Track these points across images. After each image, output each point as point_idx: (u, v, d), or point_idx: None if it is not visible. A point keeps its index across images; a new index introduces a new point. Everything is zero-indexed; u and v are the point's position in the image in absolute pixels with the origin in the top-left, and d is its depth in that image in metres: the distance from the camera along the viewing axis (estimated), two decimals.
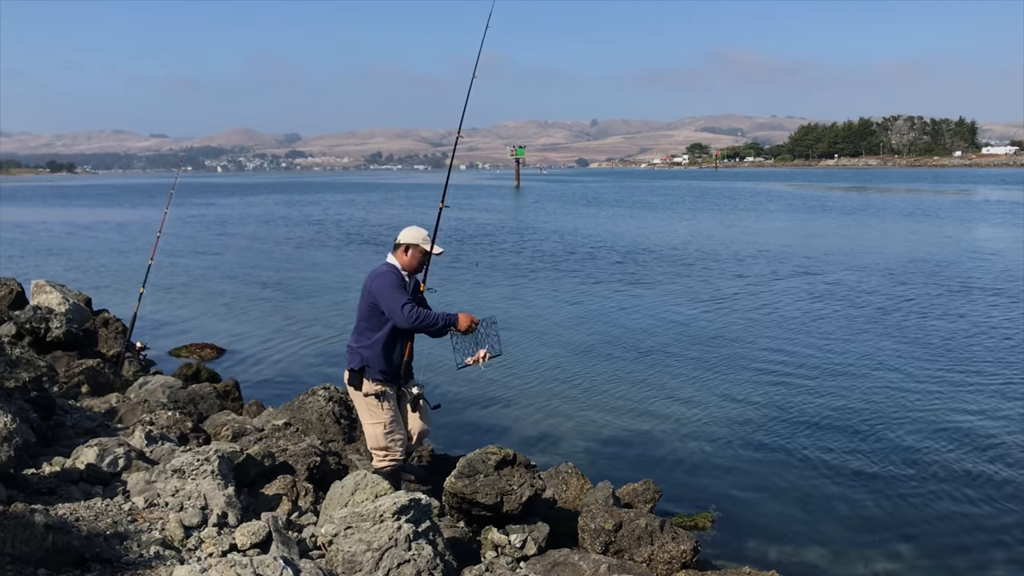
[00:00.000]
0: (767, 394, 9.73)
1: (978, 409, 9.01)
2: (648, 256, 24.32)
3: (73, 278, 19.25)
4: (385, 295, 5.36)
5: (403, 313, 5.29)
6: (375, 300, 5.43)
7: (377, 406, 5.52)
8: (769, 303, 15.91)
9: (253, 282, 20.02)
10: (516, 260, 23.88)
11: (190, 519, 4.45)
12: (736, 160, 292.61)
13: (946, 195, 61.55)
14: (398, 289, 5.38)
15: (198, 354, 11.96)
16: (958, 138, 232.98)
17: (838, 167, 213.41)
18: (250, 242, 31.32)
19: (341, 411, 7.39)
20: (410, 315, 5.29)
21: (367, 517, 4.00)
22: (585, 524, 5.25)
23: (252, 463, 5.42)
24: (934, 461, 7.57)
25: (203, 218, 46.44)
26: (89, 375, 8.58)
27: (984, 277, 18.77)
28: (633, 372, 10.85)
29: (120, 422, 7.01)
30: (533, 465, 5.44)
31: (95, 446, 5.28)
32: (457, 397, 9.62)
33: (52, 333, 10.04)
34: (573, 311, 15.44)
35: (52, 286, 11.42)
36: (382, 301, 5.38)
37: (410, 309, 5.31)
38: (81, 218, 47.62)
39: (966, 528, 6.29)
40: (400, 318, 5.31)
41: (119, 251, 27.99)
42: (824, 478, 7.26)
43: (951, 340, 12.33)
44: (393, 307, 5.32)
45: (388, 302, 5.34)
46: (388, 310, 5.36)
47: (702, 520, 6.37)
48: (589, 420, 8.90)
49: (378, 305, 5.42)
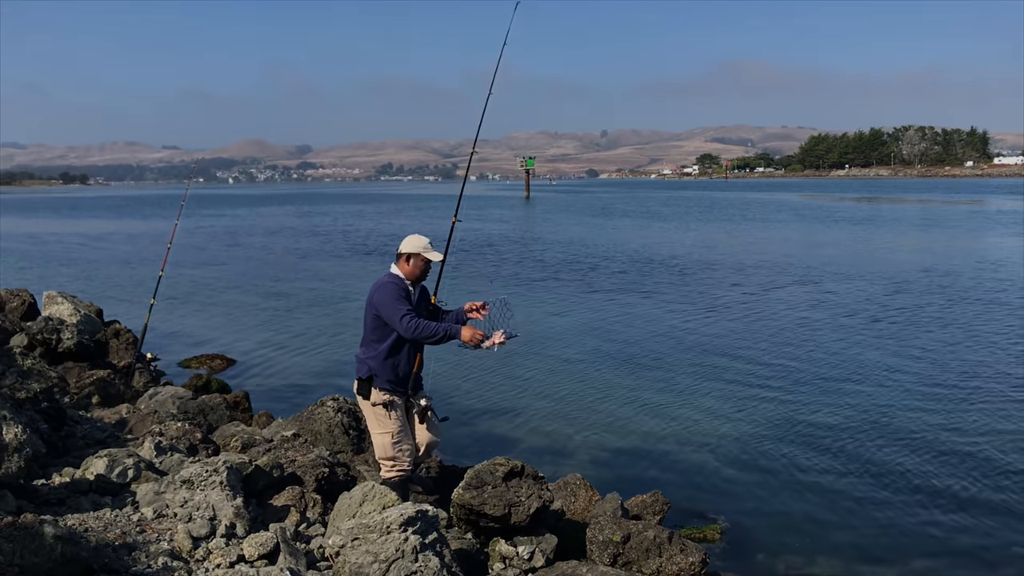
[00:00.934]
0: (778, 407, 9.69)
1: (996, 425, 8.93)
2: (657, 267, 24.29)
3: (84, 289, 19.35)
4: (385, 306, 5.41)
5: (402, 323, 5.35)
6: (377, 311, 5.48)
7: (385, 416, 5.55)
8: (782, 315, 15.86)
9: (263, 293, 20.10)
10: (524, 271, 23.88)
11: (198, 530, 4.46)
12: (746, 171, 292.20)
13: (958, 205, 61.29)
14: (398, 300, 5.42)
15: (208, 365, 12.00)
16: (970, 148, 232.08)
17: (849, 177, 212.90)
18: (260, 253, 31.45)
19: (350, 422, 7.40)
20: (409, 325, 5.34)
21: (374, 528, 4.01)
22: (593, 536, 5.23)
23: (261, 474, 5.43)
24: (946, 476, 7.52)
25: (213, 229, 46.67)
26: (100, 386, 8.62)
27: (998, 289, 18.66)
28: (643, 383, 10.83)
29: (130, 433, 7.04)
30: (541, 477, 5.43)
31: (104, 457, 5.30)
32: (465, 408, 9.62)
33: (64, 344, 10.11)
34: (582, 321, 15.42)
35: (64, 297, 11.50)
36: (383, 312, 5.43)
37: (410, 319, 5.35)
38: (93, 229, 47.93)
39: (982, 545, 6.23)
40: (400, 328, 5.38)
41: (130, 262, 28.15)
42: (835, 491, 7.21)
43: (971, 356, 12.25)
44: (393, 317, 5.38)
45: (388, 313, 5.40)
46: (389, 320, 5.42)
47: (711, 532, 6.34)
48: (598, 431, 8.88)
49: (381, 316, 5.47)
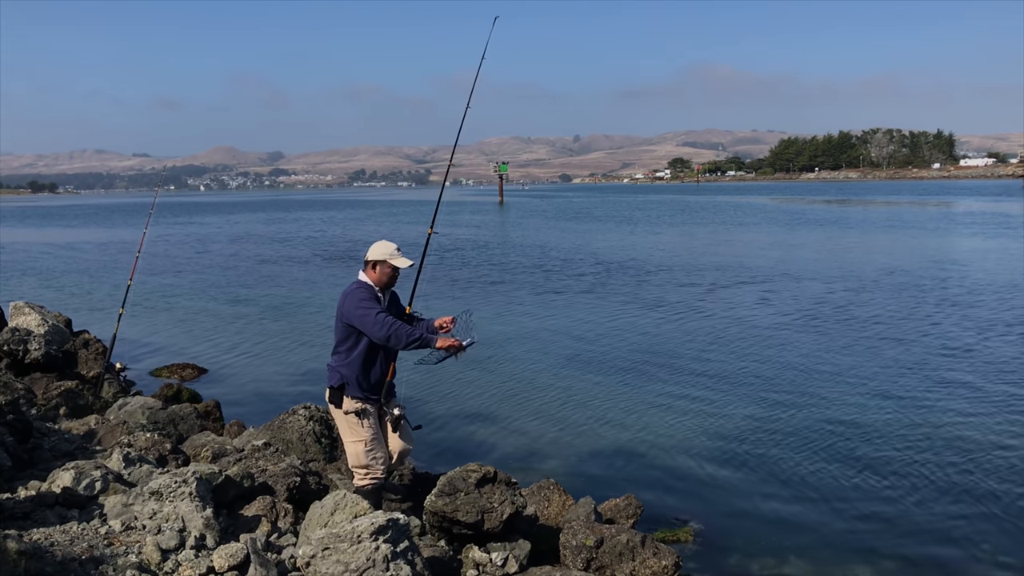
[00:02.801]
0: (748, 408, 9.76)
1: (958, 420, 9.07)
2: (628, 270, 24.40)
3: (53, 299, 19.09)
4: (356, 311, 5.35)
5: (376, 322, 5.26)
6: (348, 320, 5.42)
7: (358, 424, 5.52)
8: (750, 318, 15.99)
9: (234, 300, 19.93)
10: (495, 276, 23.89)
11: (167, 542, 4.41)
12: (718, 174, 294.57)
13: (927, 207, 62.16)
14: (368, 301, 5.36)
15: (179, 374, 11.87)
16: (936, 150, 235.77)
17: (819, 180, 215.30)
18: (230, 260, 31.18)
19: (322, 430, 7.36)
20: (384, 324, 5.26)
21: (344, 538, 3.98)
22: (567, 541, 5.23)
23: (231, 484, 5.38)
24: (915, 474, 7.62)
25: (184, 237, 46.21)
26: (67, 397, 8.51)
27: (966, 288, 18.95)
28: (614, 387, 10.86)
29: (99, 444, 6.95)
30: (514, 482, 5.43)
31: (71, 469, 5.22)
32: (438, 414, 9.60)
33: (31, 355, 9.95)
34: (554, 325, 15.45)
35: (31, 307, 11.31)
36: (355, 318, 5.36)
37: (384, 318, 5.29)
38: (61, 238, 47.27)
39: (948, 541, 6.32)
40: (373, 328, 5.29)
41: (99, 271, 27.79)
42: (806, 492, 7.28)
43: (932, 353, 12.44)
44: (366, 318, 5.30)
45: (360, 315, 5.33)
46: (361, 324, 5.34)
47: (684, 535, 6.37)
48: (571, 435, 8.90)
49: (352, 324, 5.41)
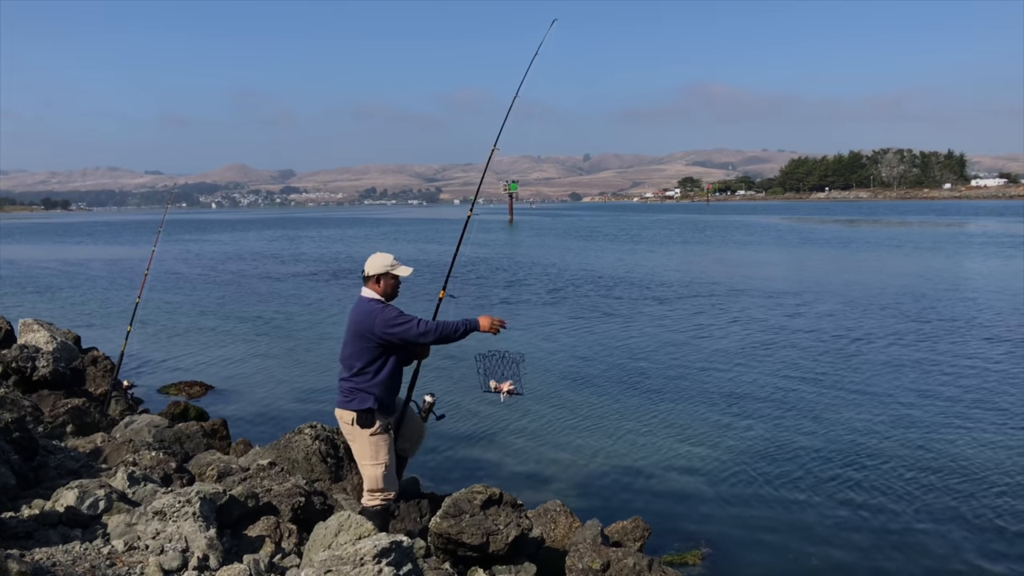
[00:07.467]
0: (757, 430, 9.68)
1: (972, 440, 8.97)
2: (639, 290, 24.34)
3: (62, 315, 19.18)
4: (395, 328, 5.17)
5: (421, 328, 5.16)
6: (386, 338, 5.20)
7: (384, 447, 5.35)
8: (761, 338, 15.90)
9: (243, 318, 19.97)
10: (503, 295, 23.86)
11: (170, 562, 4.37)
12: (728, 193, 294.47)
13: (939, 227, 61.96)
14: (401, 315, 5.21)
15: (186, 392, 11.87)
16: (947, 171, 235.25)
17: (829, 200, 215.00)
18: (240, 278, 31.27)
19: (328, 450, 7.31)
20: (428, 326, 5.18)
21: (347, 560, 3.93)
22: (573, 564, 5.17)
23: (235, 504, 5.34)
24: (927, 496, 7.52)
25: (194, 255, 46.40)
26: (74, 415, 8.49)
27: (981, 312, 18.81)
28: (622, 408, 10.80)
29: (104, 462, 6.92)
30: (520, 504, 5.38)
31: (75, 488, 5.20)
32: (443, 435, 9.54)
33: (39, 372, 9.96)
34: (562, 346, 15.39)
35: (40, 324, 11.35)
36: (396, 335, 5.18)
37: (425, 322, 5.22)
38: (72, 255, 47.56)
39: (958, 563, 6.23)
40: (419, 333, 5.16)
41: (109, 288, 27.91)
42: (814, 514, 7.20)
43: (952, 374, 12.32)
44: (410, 331, 5.17)
45: (403, 331, 5.17)
46: (406, 338, 5.19)
47: (692, 558, 6.30)
48: (578, 457, 8.84)
49: (390, 341, 5.22)
